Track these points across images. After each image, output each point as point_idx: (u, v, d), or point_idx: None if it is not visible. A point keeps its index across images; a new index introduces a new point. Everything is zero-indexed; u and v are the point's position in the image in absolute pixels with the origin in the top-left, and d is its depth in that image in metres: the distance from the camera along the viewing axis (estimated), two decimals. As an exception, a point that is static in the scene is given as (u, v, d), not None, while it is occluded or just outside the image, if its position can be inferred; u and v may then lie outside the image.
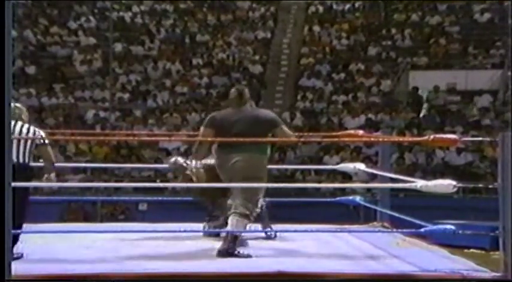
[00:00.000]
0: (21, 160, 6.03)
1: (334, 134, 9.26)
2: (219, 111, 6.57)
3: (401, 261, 5.55)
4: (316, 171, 16.71)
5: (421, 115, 19.80)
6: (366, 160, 14.12)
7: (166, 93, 21.20)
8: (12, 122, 6.01)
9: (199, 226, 7.02)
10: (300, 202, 11.66)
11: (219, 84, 21.55)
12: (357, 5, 24.55)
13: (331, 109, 20.10)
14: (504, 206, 5.02)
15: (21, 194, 5.81)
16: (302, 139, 6.96)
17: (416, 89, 20.40)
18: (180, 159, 7.08)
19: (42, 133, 6.24)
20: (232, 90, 6.48)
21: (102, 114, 20.26)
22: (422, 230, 5.93)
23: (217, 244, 6.19)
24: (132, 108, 20.59)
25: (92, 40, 23.19)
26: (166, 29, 23.87)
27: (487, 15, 22.54)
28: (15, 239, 5.69)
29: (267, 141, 6.29)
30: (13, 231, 5.70)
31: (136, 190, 15.29)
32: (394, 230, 7.02)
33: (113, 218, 15.54)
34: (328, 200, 9.38)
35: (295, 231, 6.99)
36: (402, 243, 6.58)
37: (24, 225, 5.97)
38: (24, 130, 6.14)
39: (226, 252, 5.73)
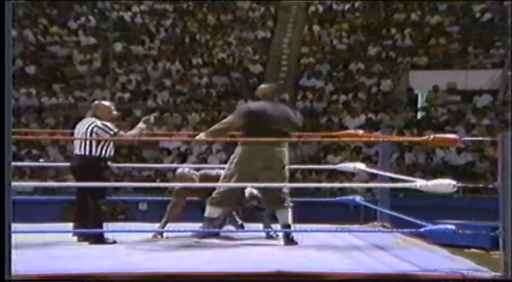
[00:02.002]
0: (82, 152, 6.68)
1: (334, 134, 9.27)
2: (253, 103, 6.74)
3: (401, 261, 5.55)
4: (316, 171, 16.71)
5: (419, 117, 19.82)
6: (366, 160, 14.12)
7: (167, 93, 21.20)
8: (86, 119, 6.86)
9: (199, 226, 7.01)
10: (300, 202, 11.64)
11: (219, 84, 21.56)
12: (356, 4, 24.55)
13: (331, 109, 20.10)
14: (504, 205, 5.01)
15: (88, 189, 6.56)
16: (302, 139, 7.00)
17: (411, 90, 20.42)
18: (187, 170, 7.10)
19: (107, 127, 6.72)
20: (267, 85, 6.73)
21: (102, 114, 20.24)
22: (422, 229, 5.93)
23: (218, 243, 6.20)
24: (132, 108, 20.59)
25: (92, 40, 23.19)
26: (166, 29, 23.87)
27: (487, 15, 22.53)
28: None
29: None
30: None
31: (136, 190, 15.28)
32: (394, 229, 7.03)
33: (113, 217, 15.51)
34: (328, 200, 9.39)
35: (295, 231, 6.98)
36: (402, 243, 6.58)
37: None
38: (83, 126, 6.80)
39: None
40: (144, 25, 24.15)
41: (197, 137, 6.73)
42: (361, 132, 7.78)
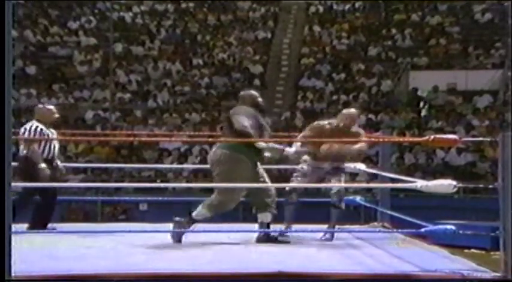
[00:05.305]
0: (21, 153, 7.46)
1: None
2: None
3: (401, 261, 5.54)
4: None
5: (422, 115, 19.84)
6: (366, 160, 14.10)
7: (167, 94, 21.21)
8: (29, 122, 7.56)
9: (199, 226, 7.01)
10: (300, 202, 11.63)
11: (219, 84, 21.56)
12: (357, 5, 24.57)
13: (332, 109, 20.09)
14: (504, 206, 5.01)
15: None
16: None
17: (416, 90, 20.41)
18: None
19: (30, 131, 7.47)
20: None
21: (102, 114, 20.27)
22: (422, 230, 5.93)
23: (218, 243, 6.21)
24: (133, 109, 20.59)
25: (92, 40, 23.20)
26: (166, 29, 23.88)
27: (487, 16, 22.55)
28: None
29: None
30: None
31: (136, 190, 15.29)
32: (394, 230, 7.02)
33: (113, 218, 15.54)
34: (328, 200, 9.36)
35: (296, 231, 6.99)
36: (402, 243, 6.58)
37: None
38: (22, 129, 7.57)
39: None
40: (145, 25, 24.16)
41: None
42: (361, 132, 7.76)
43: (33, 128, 7.48)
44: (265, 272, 4.92)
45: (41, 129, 7.48)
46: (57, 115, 7.69)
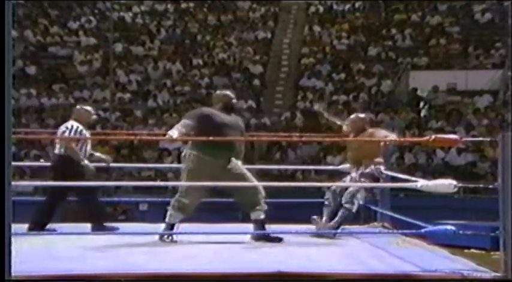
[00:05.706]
0: (57, 151, 7.57)
1: (334, 134, 9.25)
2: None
3: (401, 261, 5.55)
4: (317, 171, 16.71)
5: (422, 115, 19.84)
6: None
7: (167, 94, 21.21)
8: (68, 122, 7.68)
9: (199, 226, 7.02)
10: (300, 202, 11.64)
11: (219, 84, 21.55)
12: (357, 5, 24.58)
13: (332, 109, 20.09)
14: (504, 206, 5.01)
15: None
16: (302, 139, 6.99)
17: (415, 90, 20.42)
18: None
19: (71, 130, 7.56)
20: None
21: (102, 114, 20.27)
22: (422, 230, 5.92)
23: (218, 243, 6.21)
24: (133, 109, 20.59)
25: (92, 40, 23.21)
26: (166, 29, 23.89)
27: (487, 16, 22.56)
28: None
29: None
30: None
31: (137, 190, 15.28)
32: (395, 230, 7.02)
33: (113, 218, 15.52)
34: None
35: (296, 232, 6.99)
36: (402, 243, 6.58)
37: None
38: (62, 127, 7.65)
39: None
40: (145, 25, 24.17)
41: None
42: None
43: (74, 128, 7.59)
44: (265, 272, 4.92)
45: (81, 130, 7.60)
46: (94, 116, 7.92)
